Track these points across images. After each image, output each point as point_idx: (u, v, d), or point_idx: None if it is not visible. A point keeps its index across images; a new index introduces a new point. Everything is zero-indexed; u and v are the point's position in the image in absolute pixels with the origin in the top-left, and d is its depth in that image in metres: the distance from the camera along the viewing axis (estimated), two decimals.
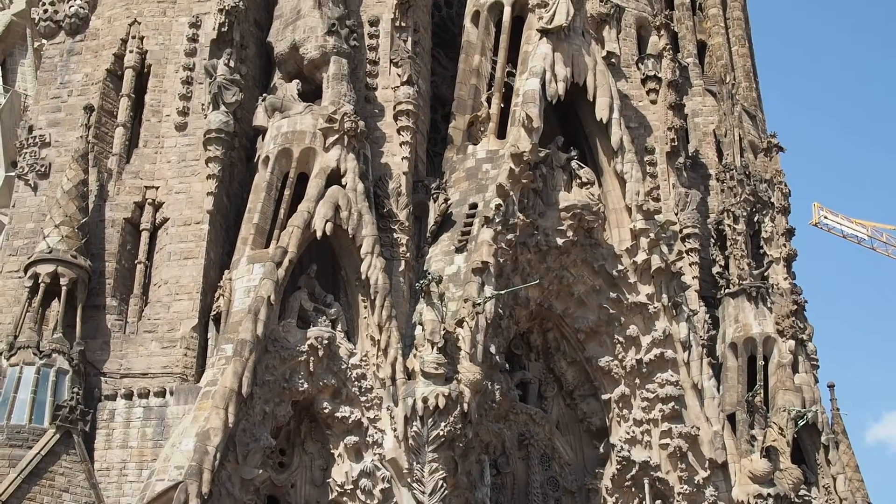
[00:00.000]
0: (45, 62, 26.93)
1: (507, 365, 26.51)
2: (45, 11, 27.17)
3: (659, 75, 31.48)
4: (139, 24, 26.50)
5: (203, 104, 25.24)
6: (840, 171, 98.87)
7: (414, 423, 23.21)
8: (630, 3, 33.02)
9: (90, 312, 23.28)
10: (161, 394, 22.66)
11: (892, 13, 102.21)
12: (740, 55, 35.66)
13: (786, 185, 31.55)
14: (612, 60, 29.37)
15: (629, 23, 32.64)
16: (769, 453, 26.68)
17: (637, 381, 27.02)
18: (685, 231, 29.44)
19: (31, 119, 26.11)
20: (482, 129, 27.91)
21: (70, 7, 27.01)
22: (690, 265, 29.12)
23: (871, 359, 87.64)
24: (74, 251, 23.09)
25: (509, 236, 25.64)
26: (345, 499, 23.56)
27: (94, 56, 26.47)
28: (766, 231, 30.57)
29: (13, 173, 28.29)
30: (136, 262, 24.29)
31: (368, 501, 23.39)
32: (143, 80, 26.19)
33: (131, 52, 26.24)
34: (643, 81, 31.64)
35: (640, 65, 31.87)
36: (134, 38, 26.40)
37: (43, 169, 25.15)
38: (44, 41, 27.74)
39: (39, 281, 22.83)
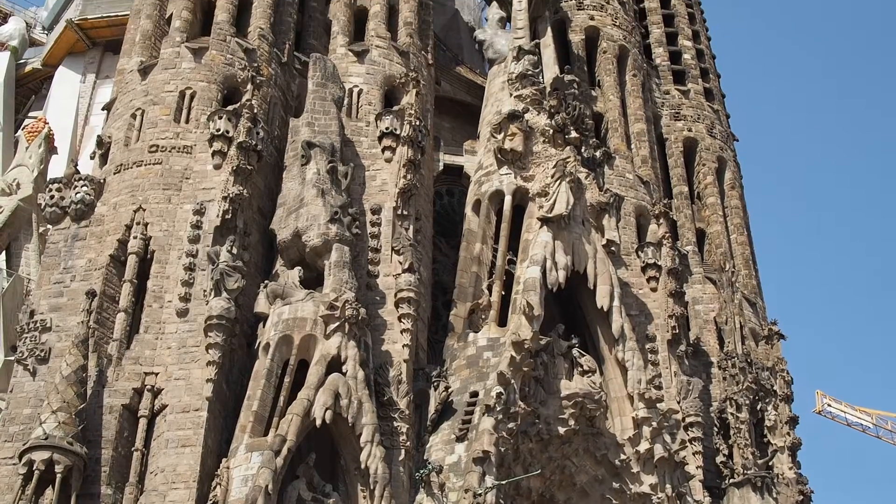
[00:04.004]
0: (50, 247, 27.03)
1: None
2: (52, 197, 27.40)
3: (659, 263, 31.70)
4: (144, 210, 26.68)
5: (205, 290, 25.24)
6: (843, 358, 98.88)
7: None
8: (629, 192, 33.49)
9: (84, 501, 22.72)
10: None
11: (889, 198, 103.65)
12: (739, 243, 36.06)
13: (788, 373, 31.53)
14: (612, 248, 29.56)
15: (629, 211, 33.03)
16: None
17: None
18: (688, 420, 29.18)
19: (33, 303, 26.05)
20: (483, 316, 27.95)
21: (76, 193, 27.23)
22: (694, 454, 28.82)
23: None
24: (71, 438, 22.75)
25: (510, 425, 25.41)
26: None
27: (98, 242, 26.58)
28: (769, 419, 30.40)
29: (12, 358, 28.14)
30: (133, 449, 23.91)
31: None
32: (146, 265, 26.23)
33: (135, 238, 26.31)
34: (643, 269, 31.82)
35: (639, 253, 32.11)
36: (138, 224, 26.52)
37: (42, 354, 24.95)
38: (49, 226, 27.94)
39: (34, 468, 22.33)
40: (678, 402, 29.23)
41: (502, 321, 27.71)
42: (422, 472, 24.12)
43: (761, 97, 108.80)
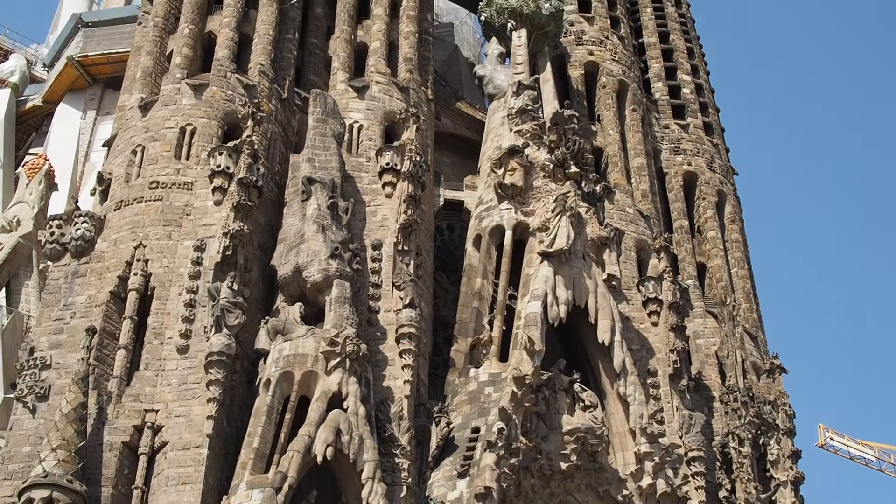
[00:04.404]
0: (50, 284, 26.99)
1: None
2: (52, 234, 27.39)
3: (660, 297, 31.63)
4: (144, 246, 26.66)
5: (205, 327, 25.18)
6: (845, 392, 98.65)
7: None
8: (630, 227, 33.48)
9: None
10: None
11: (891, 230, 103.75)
12: (740, 277, 36.02)
13: (790, 407, 31.40)
14: (613, 283, 29.53)
15: (629, 246, 33.02)
16: None
17: None
18: (690, 454, 29.01)
19: (33, 340, 25.98)
20: (484, 351, 27.88)
21: (77, 230, 27.21)
22: (697, 489, 28.58)
23: None
24: (70, 475, 22.64)
25: (512, 461, 25.30)
26: None
27: (98, 278, 26.54)
28: (771, 454, 30.27)
29: (12, 395, 28.05)
30: (133, 487, 23.79)
31: None
32: (146, 302, 26.20)
33: (136, 274, 26.28)
34: (644, 304, 31.76)
35: (640, 287, 32.05)
36: (139, 260, 26.49)
37: (42, 391, 24.85)
38: (49, 263, 27.92)
39: None
40: (680, 437, 29.08)
41: (503, 356, 27.64)
42: None
43: (761, 131, 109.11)
